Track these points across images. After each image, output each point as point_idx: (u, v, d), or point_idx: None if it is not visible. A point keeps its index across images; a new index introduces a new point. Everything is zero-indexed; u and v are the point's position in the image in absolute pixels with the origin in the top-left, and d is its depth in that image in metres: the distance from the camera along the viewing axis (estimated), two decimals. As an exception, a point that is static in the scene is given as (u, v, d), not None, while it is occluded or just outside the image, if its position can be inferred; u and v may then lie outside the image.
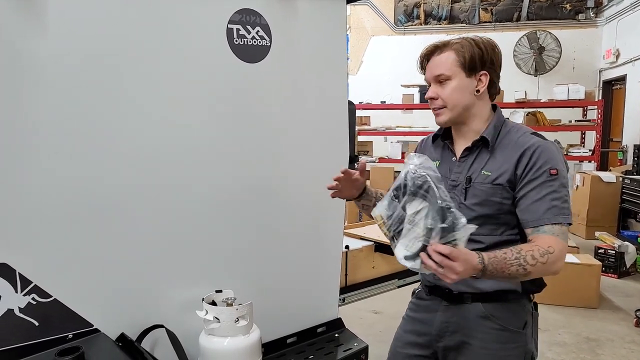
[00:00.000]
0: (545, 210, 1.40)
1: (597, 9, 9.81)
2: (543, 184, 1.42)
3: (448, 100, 1.50)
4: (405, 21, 10.88)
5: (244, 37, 1.53)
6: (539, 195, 1.41)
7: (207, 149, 1.52)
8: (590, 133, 8.59)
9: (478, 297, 1.51)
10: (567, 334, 3.81)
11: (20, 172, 1.21)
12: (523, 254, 1.35)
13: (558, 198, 1.41)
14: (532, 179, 1.42)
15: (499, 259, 1.33)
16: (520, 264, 1.35)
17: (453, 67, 1.48)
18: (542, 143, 1.45)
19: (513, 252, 1.36)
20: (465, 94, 1.50)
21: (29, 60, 1.19)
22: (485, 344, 1.50)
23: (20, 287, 1.23)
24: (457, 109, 1.51)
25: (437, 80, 1.51)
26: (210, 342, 1.38)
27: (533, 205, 1.42)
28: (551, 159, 1.43)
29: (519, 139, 1.48)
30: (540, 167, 1.42)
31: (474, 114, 1.53)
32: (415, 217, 1.25)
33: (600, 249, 5.31)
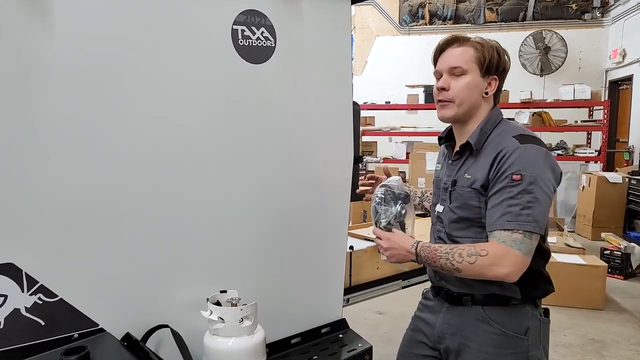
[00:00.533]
0: (498, 217, 1.38)
1: (603, 9, 9.77)
2: (503, 189, 1.38)
3: (458, 94, 1.48)
4: (410, 21, 10.87)
5: (248, 38, 1.54)
6: (497, 201, 1.39)
7: (212, 149, 1.52)
8: (596, 133, 8.55)
9: (477, 299, 1.50)
10: (573, 336, 3.80)
11: (26, 172, 1.21)
12: (454, 250, 1.42)
13: (515, 204, 1.36)
14: (496, 183, 1.41)
15: (431, 249, 1.47)
16: (447, 258, 1.41)
17: (471, 62, 1.47)
18: (516, 146, 1.40)
19: (447, 247, 1.45)
20: (475, 93, 1.49)
21: (33, 61, 1.20)
22: (483, 348, 1.49)
23: (27, 287, 1.23)
24: (464, 106, 1.49)
25: (452, 72, 1.49)
26: (214, 342, 1.39)
27: (490, 211, 1.41)
28: (518, 164, 1.37)
29: (499, 142, 1.45)
30: (504, 172, 1.39)
31: (476, 116, 1.52)
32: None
33: (606, 250, 5.29)
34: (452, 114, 1.51)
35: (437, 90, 1.52)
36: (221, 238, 1.59)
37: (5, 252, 1.20)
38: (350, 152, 1.90)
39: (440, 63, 1.53)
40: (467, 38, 1.50)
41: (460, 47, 1.49)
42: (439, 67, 1.53)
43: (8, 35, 1.16)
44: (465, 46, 1.49)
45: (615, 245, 5.36)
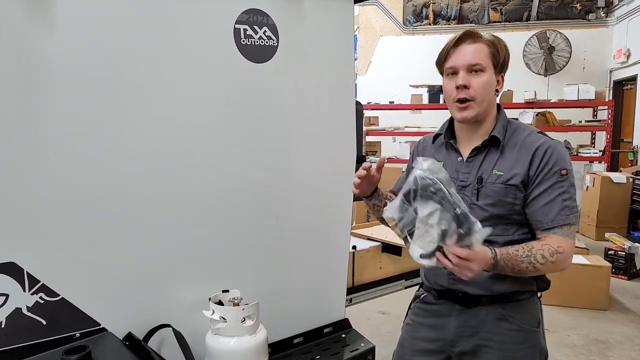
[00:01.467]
0: (557, 212, 1.42)
1: (608, 9, 9.73)
2: (555, 184, 1.42)
3: (479, 92, 1.45)
4: (414, 21, 10.85)
5: (251, 37, 1.53)
6: (551, 197, 1.42)
7: (214, 149, 1.52)
8: (600, 133, 8.52)
9: (495, 298, 1.50)
10: (576, 336, 3.78)
11: (28, 172, 1.21)
12: (534, 252, 1.39)
13: (569, 198, 1.43)
14: (544, 179, 1.43)
15: (511, 255, 1.38)
16: (530, 261, 1.38)
17: (487, 60, 1.46)
18: (551, 143, 1.45)
19: (524, 249, 1.39)
20: (491, 91, 1.49)
21: (35, 60, 1.20)
22: (504, 346, 1.49)
23: (28, 286, 1.23)
24: (484, 105, 1.48)
25: (470, 69, 1.45)
26: (216, 341, 1.39)
27: (545, 207, 1.42)
28: (561, 159, 1.44)
29: (527, 139, 1.47)
30: (551, 168, 1.42)
31: (489, 113, 1.52)
32: (429, 220, 1.28)
33: (610, 250, 5.26)
34: (474, 113, 1.48)
35: (457, 88, 1.47)
36: (223, 238, 1.59)
37: (7, 251, 1.20)
38: (353, 151, 1.90)
39: (456, 58, 1.47)
40: (480, 35, 1.48)
41: (474, 43, 1.47)
42: (455, 62, 1.48)
43: (12, 34, 1.16)
44: (479, 43, 1.46)
45: (619, 245, 5.33)
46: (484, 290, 1.50)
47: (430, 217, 1.28)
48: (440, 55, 1.53)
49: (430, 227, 1.28)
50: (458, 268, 1.27)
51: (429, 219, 1.28)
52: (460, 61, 1.46)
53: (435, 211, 1.27)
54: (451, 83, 1.49)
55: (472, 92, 1.45)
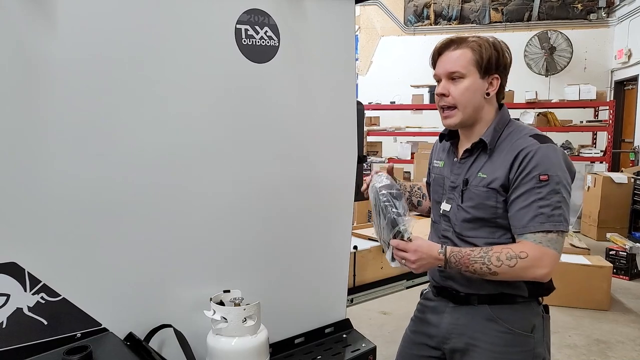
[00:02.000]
0: (530, 218, 1.37)
1: (609, 9, 9.74)
2: (531, 190, 1.38)
3: (459, 99, 1.46)
4: (415, 21, 10.85)
5: (252, 37, 1.53)
6: (526, 202, 1.38)
7: (215, 149, 1.52)
8: (601, 134, 8.53)
9: (485, 299, 1.50)
10: (578, 336, 3.78)
11: (29, 171, 1.21)
12: (490, 254, 1.38)
13: (546, 205, 1.36)
14: (521, 184, 1.39)
15: (463, 254, 1.41)
16: (484, 262, 1.38)
17: (469, 65, 1.45)
18: (537, 147, 1.40)
19: (481, 250, 1.40)
20: (477, 95, 1.47)
21: (36, 59, 1.19)
22: (491, 347, 1.48)
23: (29, 286, 1.23)
24: (468, 111, 1.47)
25: (450, 77, 1.47)
26: (217, 342, 1.38)
27: (519, 213, 1.39)
28: (543, 164, 1.38)
29: (516, 142, 1.44)
30: (529, 173, 1.38)
31: (482, 117, 1.50)
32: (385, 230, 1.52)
33: (611, 251, 5.27)
34: (457, 121, 1.49)
35: (438, 97, 1.51)
36: (225, 238, 1.59)
37: (8, 251, 1.20)
38: (354, 151, 1.89)
39: (438, 67, 1.50)
40: (464, 39, 1.47)
41: (457, 49, 1.46)
42: (437, 71, 1.51)
43: (13, 31, 1.16)
44: (462, 48, 1.46)
45: (621, 245, 5.33)
46: (471, 289, 1.50)
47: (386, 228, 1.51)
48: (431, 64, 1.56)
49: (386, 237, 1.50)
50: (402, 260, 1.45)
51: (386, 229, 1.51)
52: (441, 70, 1.49)
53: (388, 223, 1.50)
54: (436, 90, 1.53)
55: (451, 99, 1.47)
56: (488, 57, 1.45)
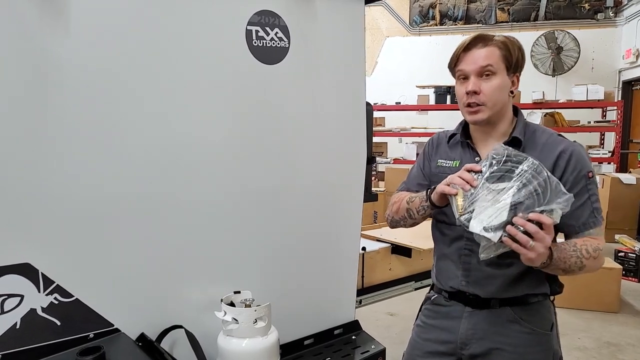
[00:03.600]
0: (588, 215, 1.44)
1: (617, 9, 9.67)
2: (584, 188, 1.43)
3: (490, 97, 1.44)
4: (420, 22, 10.82)
5: (262, 38, 1.53)
6: (581, 201, 1.42)
7: (225, 150, 1.52)
8: (609, 134, 8.48)
9: (505, 301, 1.49)
10: (587, 339, 3.76)
11: (43, 172, 1.22)
12: (578, 247, 1.39)
13: (596, 200, 1.46)
14: (574, 184, 1.42)
15: (561, 248, 1.36)
16: (578, 256, 1.38)
17: (499, 62, 1.44)
18: (574, 146, 1.46)
19: (570, 245, 1.40)
20: (504, 93, 1.47)
21: (48, 61, 1.20)
22: (515, 349, 1.48)
23: (43, 287, 1.24)
24: (496, 108, 1.46)
25: (480, 74, 1.44)
26: (228, 343, 1.39)
27: (577, 211, 1.42)
28: (586, 163, 1.45)
29: (548, 141, 1.47)
30: (580, 171, 1.43)
31: (504, 115, 1.50)
32: (499, 196, 1.25)
33: (620, 252, 5.23)
34: (485, 117, 1.47)
35: (467, 94, 1.47)
36: (235, 239, 1.59)
37: (22, 252, 1.21)
38: (363, 152, 1.89)
39: (467, 63, 1.47)
40: (491, 37, 1.47)
41: (485, 47, 1.45)
42: (465, 67, 1.47)
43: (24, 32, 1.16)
44: (490, 46, 1.45)
45: (630, 247, 5.30)
46: (496, 293, 1.49)
47: (503, 193, 1.24)
48: (451, 59, 1.52)
49: (499, 202, 1.23)
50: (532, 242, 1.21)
51: (500, 195, 1.24)
52: (471, 66, 1.46)
53: (511, 188, 1.24)
54: (462, 88, 1.49)
55: (482, 97, 1.45)
56: (516, 57, 1.46)
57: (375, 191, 7.14)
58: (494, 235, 1.22)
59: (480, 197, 1.27)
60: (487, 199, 1.26)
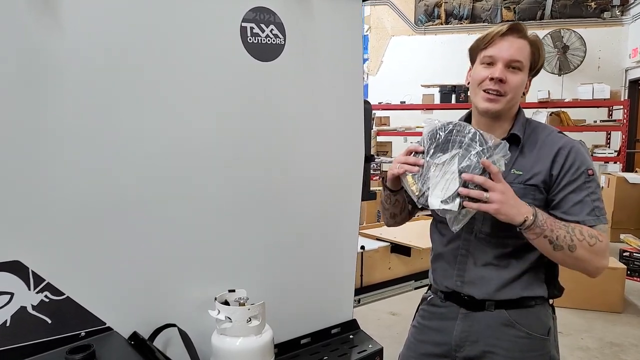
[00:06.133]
0: (588, 213, 1.38)
1: (623, 7, 9.61)
2: (582, 185, 1.38)
3: (513, 89, 1.42)
4: (425, 21, 10.80)
5: (257, 35, 1.52)
6: (579, 197, 1.38)
7: (220, 148, 1.51)
8: (615, 133, 8.43)
9: (501, 304, 1.46)
10: (590, 339, 3.73)
11: (33, 170, 1.21)
12: (572, 226, 1.34)
13: (597, 199, 1.39)
14: (571, 180, 1.38)
15: (548, 215, 1.34)
16: (568, 231, 1.32)
17: (527, 59, 1.43)
18: (574, 143, 1.42)
19: (562, 222, 1.35)
20: (521, 91, 1.46)
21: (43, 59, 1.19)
22: (509, 353, 1.44)
23: (33, 285, 1.23)
24: (511, 103, 1.45)
25: (509, 65, 1.41)
26: (222, 342, 1.38)
27: (575, 208, 1.38)
28: (586, 160, 1.41)
29: (548, 138, 1.44)
30: (578, 168, 1.38)
31: (511, 112, 1.49)
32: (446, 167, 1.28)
33: (625, 252, 5.20)
34: (500, 107, 1.44)
35: (492, 80, 1.42)
36: (230, 237, 1.58)
37: (12, 249, 1.20)
38: (361, 151, 1.88)
39: (500, 49, 1.41)
40: (526, 31, 1.43)
41: (519, 38, 1.42)
42: (496, 53, 1.42)
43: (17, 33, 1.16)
44: (524, 39, 1.42)
45: (635, 247, 5.26)
46: (491, 295, 1.46)
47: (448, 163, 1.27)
48: (479, 41, 1.47)
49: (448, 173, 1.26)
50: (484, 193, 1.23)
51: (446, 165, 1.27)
52: (503, 54, 1.41)
53: (454, 156, 1.26)
54: (485, 72, 1.43)
55: (507, 87, 1.41)
56: (541, 60, 1.45)
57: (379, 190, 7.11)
58: (453, 205, 1.24)
59: (430, 175, 1.30)
60: (436, 174, 1.29)
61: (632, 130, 8.78)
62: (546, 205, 1.41)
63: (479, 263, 1.46)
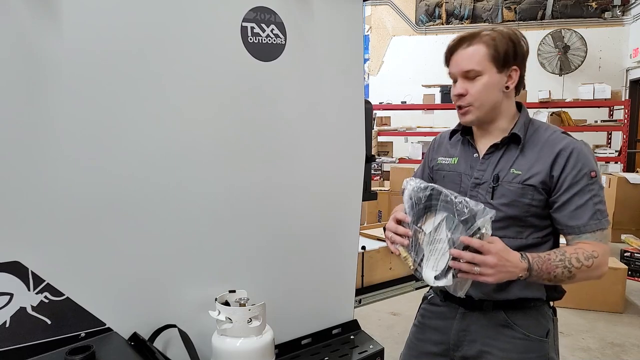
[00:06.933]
0: (590, 217, 1.36)
1: (624, 7, 9.60)
2: (585, 188, 1.36)
3: (477, 97, 1.41)
4: (426, 21, 10.79)
5: (258, 35, 1.52)
6: (582, 201, 1.36)
7: (220, 147, 1.51)
8: (616, 133, 8.42)
9: (500, 304, 1.46)
10: (591, 339, 3.72)
11: (32, 169, 1.21)
12: (567, 256, 1.32)
13: (600, 202, 1.37)
14: (573, 183, 1.36)
15: (543, 259, 1.30)
16: (565, 265, 1.31)
17: (484, 61, 1.40)
18: (577, 144, 1.39)
19: (557, 253, 1.33)
20: (495, 91, 1.42)
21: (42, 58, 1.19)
22: (507, 354, 1.43)
23: (33, 285, 1.23)
24: (484, 108, 1.43)
25: (466, 76, 1.42)
26: (222, 342, 1.37)
27: (577, 212, 1.36)
28: (589, 161, 1.37)
29: (550, 138, 1.41)
30: (580, 170, 1.36)
31: (501, 112, 1.46)
32: (435, 235, 1.25)
33: (626, 252, 5.19)
34: (474, 118, 1.45)
35: (454, 97, 1.47)
36: (230, 237, 1.58)
37: (11, 250, 1.19)
38: (361, 151, 1.87)
39: (453, 66, 1.46)
40: (476, 34, 1.42)
41: (470, 46, 1.41)
42: (451, 70, 1.47)
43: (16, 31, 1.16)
44: (475, 44, 1.41)
45: (636, 247, 5.25)
46: (488, 295, 1.46)
47: (437, 230, 1.24)
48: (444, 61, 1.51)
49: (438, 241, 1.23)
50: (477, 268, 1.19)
51: (435, 233, 1.24)
52: (455, 69, 1.44)
53: (440, 222, 1.23)
54: (453, 90, 1.48)
55: (469, 98, 1.42)
56: (505, 50, 1.39)
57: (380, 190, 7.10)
58: (446, 280, 1.22)
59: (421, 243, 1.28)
60: (426, 243, 1.26)
61: (633, 130, 8.76)
62: (547, 207, 1.40)
63: None
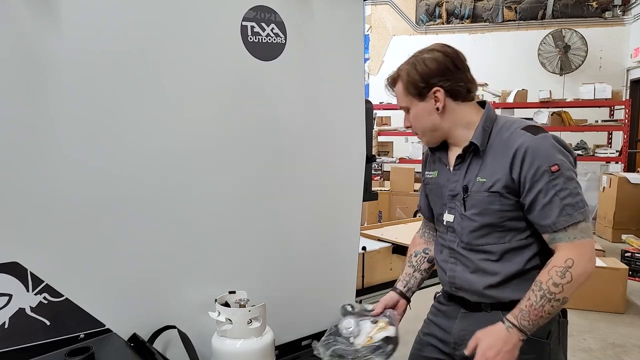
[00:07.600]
0: (558, 213, 1.32)
1: (625, 7, 9.57)
2: (547, 185, 1.32)
3: (416, 126, 1.51)
4: (426, 20, 10.77)
5: (258, 34, 1.51)
6: (547, 199, 1.32)
7: (220, 147, 1.50)
8: (617, 133, 8.38)
9: (498, 305, 1.46)
10: (592, 340, 3.71)
11: (32, 171, 1.20)
12: (544, 287, 1.32)
13: (567, 195, 1.32)
14: (534, 182, 1.33)
15: (527, 309, 1.33)
16: (548, 298, 1.31)
17: (405, 97, 1.49)
18: (531, 141, 1.34)
19: (535, 292, 1.33)
20: (427, 117, 1.47)
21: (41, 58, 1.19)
22: None
23: (32, 286, 1.22)
24: (427, 133, 1.51)
25: (405, 111, 1.52)
26: (222, 343, 1.37)
27: (544, 211, 1.33)
28: (547, 156, 1.32)
29: (507, 139, 1.38)
30: (538, 168, 1.32)
31: (452, 126, 1.47)
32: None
33: (627, 253, 5.17)
34: (427, 140, 1.54)
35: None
36: (231, 238, 1.57)
37: (10, 250, 1.19)
38: (362, 151, 1.87)
39: None
40: (397, 74, 1.51)
41: (394, 85, 1.53)
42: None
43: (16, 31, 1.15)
44: (398, 83, 1.51)
45: (636, 247, 5.24)
46: (487, 299, 1.46)
47: None
48: None
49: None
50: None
51: None
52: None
53: None
54: None
55: (414, 128, 1.53)
56: (413, 83, 1.45)
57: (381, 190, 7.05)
58: None
59: None
60: None
61: (633, 130, 8.74)
62: (520, 209, 1.39)
63: (467, 270, 1.48)
